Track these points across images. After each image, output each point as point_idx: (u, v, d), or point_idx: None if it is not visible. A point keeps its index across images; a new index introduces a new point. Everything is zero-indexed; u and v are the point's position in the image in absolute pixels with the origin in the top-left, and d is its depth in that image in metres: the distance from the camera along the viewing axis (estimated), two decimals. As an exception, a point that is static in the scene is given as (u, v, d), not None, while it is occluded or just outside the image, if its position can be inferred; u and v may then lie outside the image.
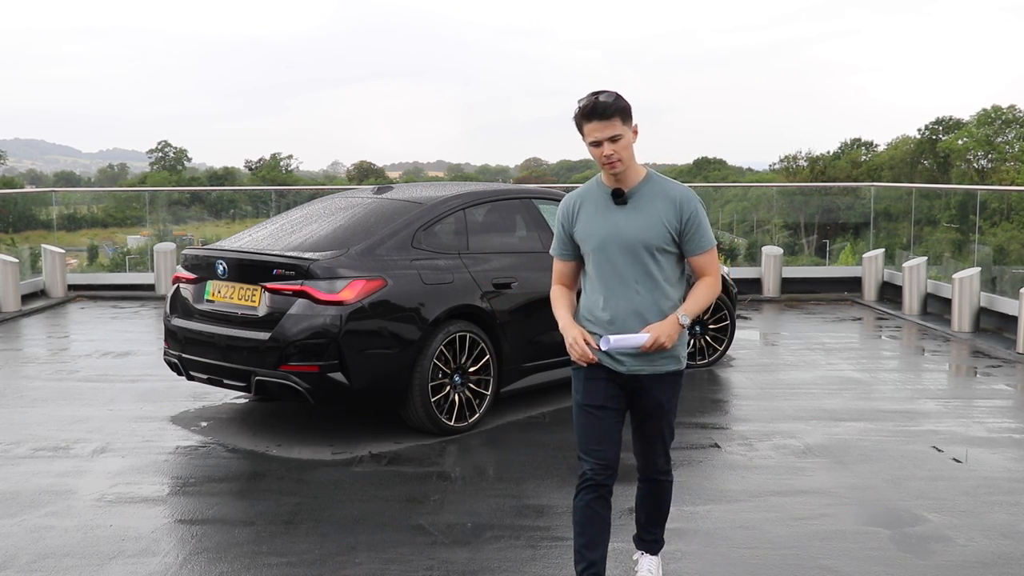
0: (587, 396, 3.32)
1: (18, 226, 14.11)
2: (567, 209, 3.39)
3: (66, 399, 6.73)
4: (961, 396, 7.00)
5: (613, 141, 3.16)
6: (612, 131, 3.14)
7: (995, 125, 58.05)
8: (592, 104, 3.14)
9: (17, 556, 4.00)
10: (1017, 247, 13.03)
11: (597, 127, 3.14)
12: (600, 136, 3.15)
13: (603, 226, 3.27)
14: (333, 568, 3.89)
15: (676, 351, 3.35)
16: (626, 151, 3.19)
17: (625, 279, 3.24)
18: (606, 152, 3.17)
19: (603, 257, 3.26)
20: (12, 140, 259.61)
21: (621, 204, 3.26)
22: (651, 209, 3.24)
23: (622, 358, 3.26)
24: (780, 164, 71.23)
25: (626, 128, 3.18)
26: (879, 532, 4.28)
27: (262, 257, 5.67)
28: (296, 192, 16.52)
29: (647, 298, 3.24)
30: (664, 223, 3.23)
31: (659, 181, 3.30)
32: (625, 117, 3.17)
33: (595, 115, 3.13)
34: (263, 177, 79.32)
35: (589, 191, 3.37)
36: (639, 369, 3.28)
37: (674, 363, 3.36)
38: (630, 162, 3.24)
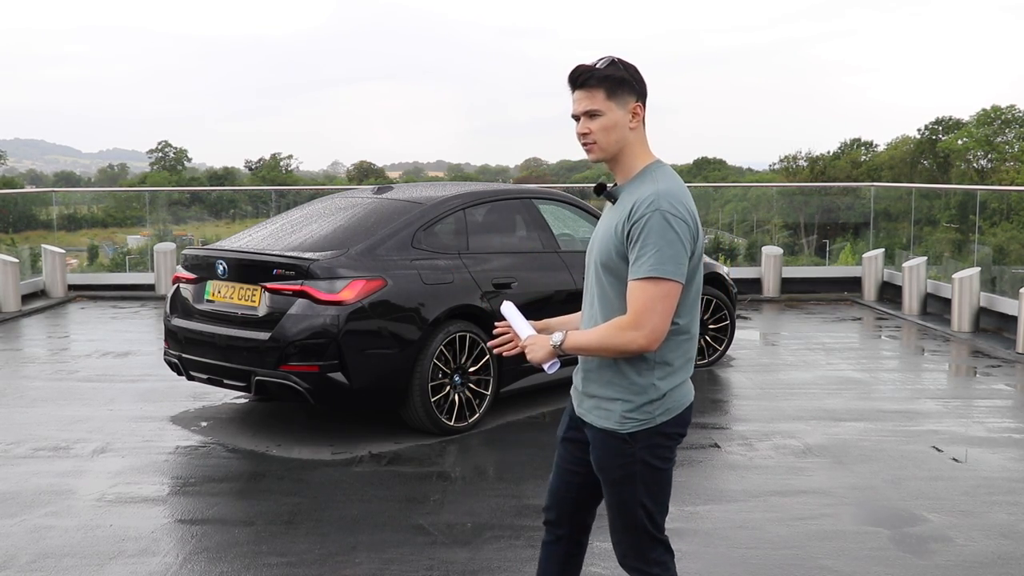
0: (560, 425, 2.82)
1: (18, 226, 14.11)
2: None
3: (66, 399, 6.73)
4: (961, 396, 7.00)
5: (590, 117, 2.50)
6: (589, 104, 2.48)
7: (995, 125, 58.04)
8: (573, 71, 2.53)
9: (17, 556, 4.00)
10: (1017, 247, 13.03)
11: (576, 97, 2.53)
12: (576, 109, 2.53)
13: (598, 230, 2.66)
14: (333, 568, 3.90)
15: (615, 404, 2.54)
16: (607, 134, 2.49)
17: (589, 297, 2.63)
18: (579, 130, 2.53)
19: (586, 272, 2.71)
20: (12, 140, 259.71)
21: (609, 200, 2.61)
22: (617, 214, 2.52)
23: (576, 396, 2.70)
24: (780, 164, 71.25)
25: (612, 105, 2.48)
26: (879, 532, 4.29)
27: (262, 257, 5.67)
28: (296, 192, 16.53)
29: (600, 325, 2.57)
30: (616, 233, 2.48)
31: (646, 180, 2.51)
32: (615, 90, 2.48)
33: (574, 82, 2.52)
34: (263, 177, 79.34)
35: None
36: (583, 412, 2.65)
37: (611, 420, 2.54)
38: (618, 151, 2.53)
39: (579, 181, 55.19)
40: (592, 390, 2.58)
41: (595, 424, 2.57)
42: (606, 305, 2.53)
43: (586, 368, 2.62)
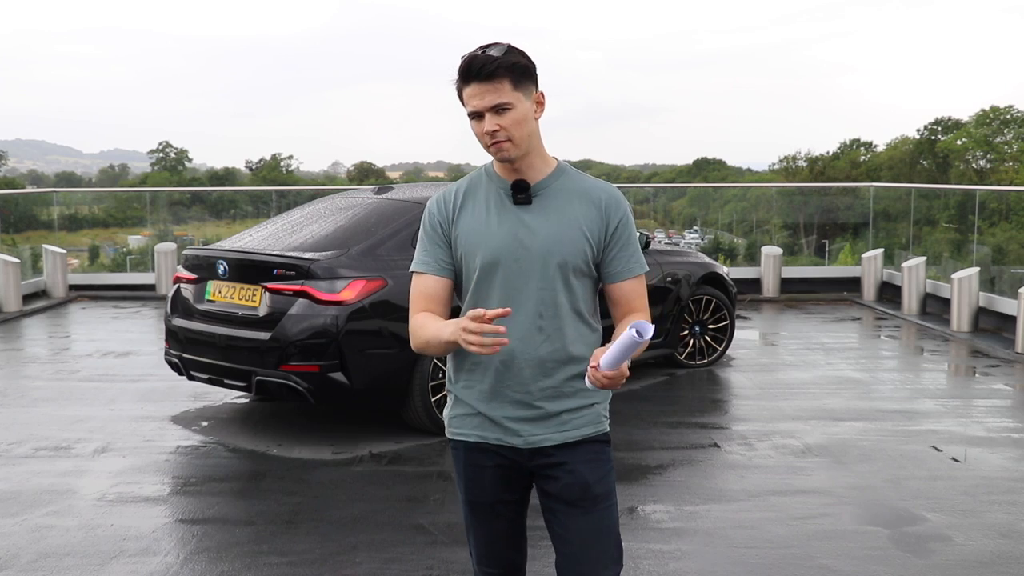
0: (471, 490, 2.42)
1: (19, 226, 14.11)
2: (443, 204, 2.37)
3: (67, 399, 6.74)
4: (960, 396, 7.01)
5: (498, 112, 2.22)
6: (496, 98, 2.20)
7: (994, 125, 58.08)
8: (470, 61, 2.22)
9: (18, 556, 4.01)
10: (1016, 247, 13.04)
11: (476, 91, 2.21)
12: (480, 104, 2.22)
13: (498, 231, 2.29)
14: (333, 567, 3.90)
15: (593, 407, 2.37)
16: (519, 128, 2.24)
17: (525, 310, 2.27)
18: (488, 128, 2.23)
19: (496, 277, 2.29)
20: (13, 140, 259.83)
21: (523, 202, 2.30)
22: (565, 211, 2.30)
23: (518, 426, 2.32)
24: (779, 164, 71.32)
25: (519, 96, 2.23)
26: (878, 531, 4.30)
27: (263, 257, 5.68)
28: (296, 192, 16.53)
29: (556, 340, 2.29)
30: (584, 232, 2.29)
31: (575, 176, 2.37)
32: (520, 79, 2.23)
33: (472, 75, 2.21)
34: (263, 177, 79.36)
35: (475, 183, 2.39)
36: (543, 437, 2.33)
37: (593, 423, 2.37)
38: (529, 145, 2.28)
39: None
40: (565, 404, 2.32)
41: (574, 438, 2.34)
42: (557, 313, 2.29)
43: (549, 384, 2.31)
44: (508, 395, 2.33)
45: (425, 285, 2.35)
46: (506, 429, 2.34)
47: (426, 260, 2.36)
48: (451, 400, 2.45)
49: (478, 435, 2.38)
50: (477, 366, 2.33)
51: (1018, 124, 57.70)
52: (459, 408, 2.40)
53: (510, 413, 2.33)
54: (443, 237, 2.35)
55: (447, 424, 2.46)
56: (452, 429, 2.44)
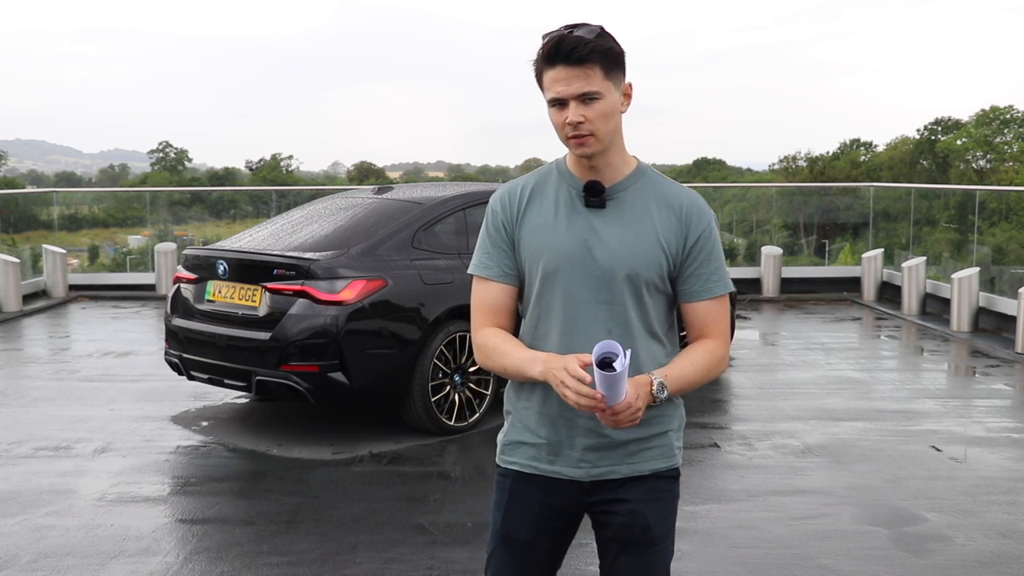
0: (510, 523, 2.17)
1: (19, 226, 14.12)
2: (507, 202, 2.14)
3: (67, 399, 6.74)
4: (960, 396, 7.01)
5: (585, 102, 1.97)
6: (585, 85, 1.95)
7: (994, 125, 58.09)
8: (558, 41, 1.96)
9: (18, 555, 4.01)
10: (1016, 247, 13.04)
11: (562, 75, 1.96)
12: (565, 92, 1.96)
13: (566, 236, 2.06)
14: (334, 567, 3.91)
15: (666, 437, 2.14)
16: (606, 122, 1.99)
17: (590, 328, 2.05)
18: (572, 118, 1.97)
19: (560, 287, 2.07)
20: (13, 140, 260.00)
21: (596, 206, 2.07)
22: (642, 219, 2.06)
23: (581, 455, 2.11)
24: (779, 164, 71.27)
25: (609, 85, 1.98)
26: (878, 531, 4.30)
27: (263, 257, 5.68)
28: (296, 192, 16.53)
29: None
30: (661, 243, 2.05)
31: (656, 179, 2.12)
32: (611, 66, 1.98)
33: (560, 56, 1.95)
34: (263, 177, 79.34)
35: (544, 179, 2.15)
36: (607, 470, 2.10)
37: (664, 456, 2.14)
38: (612, 142, 2.04)
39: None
40: (635, 432, 2.08)
41: (642, 472, 2.11)
42: (628, 331, 2.07)
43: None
44: (574, 420, 2.08)
45: (489, 294, 2.14)
46: (567, 458, 2.11)
47: (488, 264, 2.14)
48: (507, 423, 2.21)
49: (533, 466, 2.14)
50: (540, 386, 2.08)
51: (1018, 124, 57.71)
52: (515, 433, 2.18)
53: (572, 440, 2.10)
54: (507, 239, 2.12)
55: (499, 451, 2.22)
56: (504, 456, 2.20)
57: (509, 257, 2.13)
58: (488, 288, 2.15)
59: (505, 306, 2.15)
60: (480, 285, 2.16)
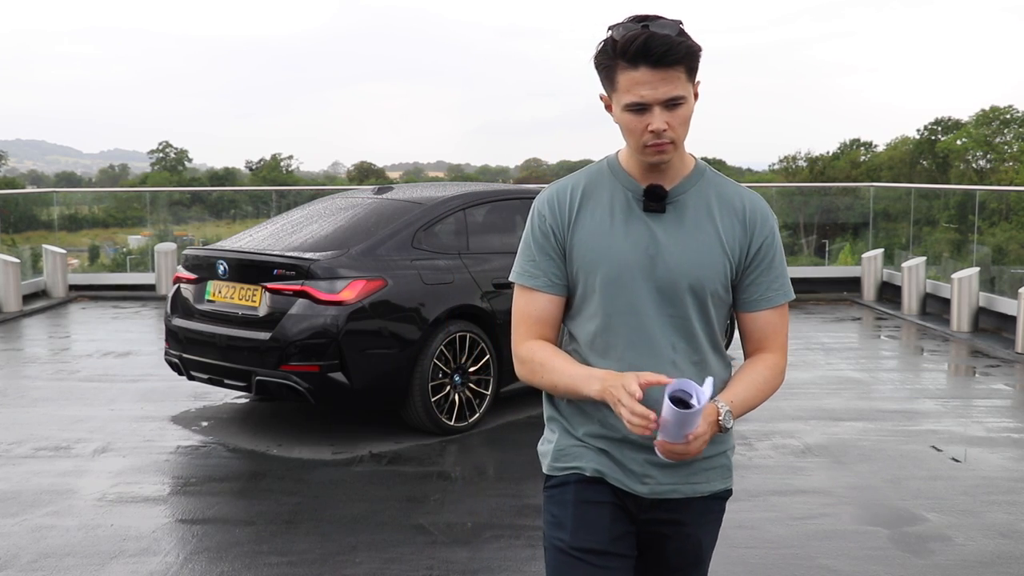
0: (580, 533, 1.94)
1: (19, 226, 14.12)
2: (556, 205, 1.96)
3: (67, 399, 6.74)
4: (960, 396, 7.01)
5: (669, 107, 1.80)
6: (672, 89, 1.78)
7: (994, 125, 58.11)
8: (647, 40, 1.74)
9: (18, 555, 4.01)
10: (1016, 247, 13.05)
11: (647, 78, 1.76)
12: (651, 96, 1.77)
13: (625, 245, 1.89)
14: (334, 567, 3.91)
15: (725, 456, 2.03)
16: (686, 128, 1.85)
17: (655, 343, 1.90)
18: (656, 125, 1.79)
19: (621, 300, 1.90)
20: (13, 140, 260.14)
21: (656, 211, 1.90)
22: (705, 225, 1.91)
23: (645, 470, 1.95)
24: (779, 164, 71.25)
25: (691, 88, 1.83)
26: (878, 531, 4.30)
27: (263, 257, 5.68)
28: (296, 192, 16.53)
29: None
30: (725, 250, 1.91)
31: (716, 180, 1.97)
32: (694, 68, 1.82)
33: (649, 58, 1.75)
34: (264, 177, 79.33)
35: (596, 180, 1.96)
36: (671, 488, 1.96)
37: (722, 477, 2.02)
38: (682, 145, 1.89)
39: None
40: (710, 450, 1.95)
41: (702, 493, 1.99)
42: (694, 345, 1.93)
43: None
44: (633, 438, 1.91)
45: (535, 305, 1.97)
46: (629, 472, 1.94)
47: (535, 273, 1.96)
48: (555, 432, 2.03)
49: (596, 468, 1.95)
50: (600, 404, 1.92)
51: (1018, 124, 57.73)
52: (570, 440, 2.00)
53: (635, 456, 1.94)
54: (556, 246, 1.94)
55: (550, 458, 2.02)
56: (560, 463, 1.99)
57: (558, 266, 1.95)
58: (534, 298, 1.98)
59: (552, 318, 1.98)
60: (524, 295, 1.99)
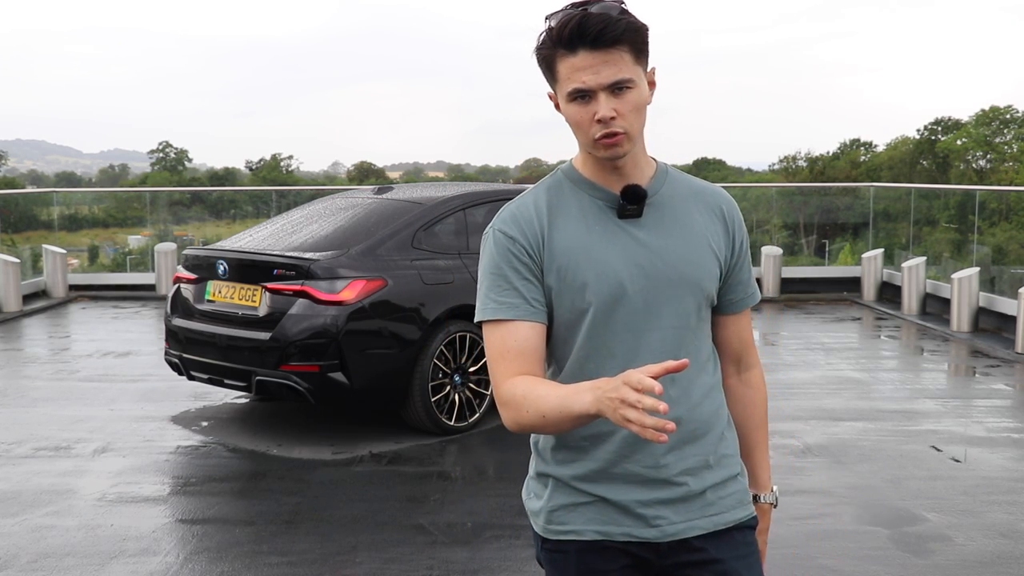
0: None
1: (19, 226, 14.12)
2: (524, 224, 1.74)
3: (67, 399, 6.74)
4: (960, 396, 7.01)
5: (615, 93, 1.62)
6: (616, 72, 1.60)
7: (994, 125, 58.12)
8: (581, 20, 1.59)
9: (18, 555, 4.01)
10: (1016, 247, 13.05)
11: (587, 62, 1.60)
12: (594, 81, 1.61)
13: (610, 256, 1.70)
14: (334, 567, 3.91)
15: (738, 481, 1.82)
16: (638, 116, 1.66)
17: (656, 358, 1.67)
18: (603, 113, 1.62)
19: (616, 318, 1.71)
20: (13, 140, 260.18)
21: (633, 215, 1.72)
22: (688, 226, 1.75)
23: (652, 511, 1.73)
24: (779, 164, 71.28)
25: (640, 71, 1.65)
26: (878, 531, 4.30)
27: (263, 257, 5.68)
28: (296, 192, 16.53)
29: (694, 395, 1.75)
30: (713, 250, 1.76)
31: (681, 178, 1.80)
32: (640, 48, 1.64)
33: (585, 39, 1.59)
34: (264, 177, 79.33)
35: (557, 193, 1.77)
36: (686, 526, 1.74)
37: (742, 503, 1.81)
38: (639, 139, 1.70)
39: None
40: (710, 477, 1.77)
41: (724, 524, 1.77)
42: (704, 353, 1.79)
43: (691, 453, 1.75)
44: (634, 471, 1.72)
45: (515, 338, 1.68)
46: (636, 517, 1.72)
47: (511, 303, 1.69)
48: (545, 487, 1.79)
49: (598, 531, 1.73)
50: (596, 439, 1.72)
51: (1018, 124, 57.73)
52: (563, 496, 1.76)
53: (639, 496, 1.72)
54: (534, 269, 1.71)
55: (544, 520, 1.78)
56: (555, 527, 1.76)
57: (537, 290, 1.71)
58: (512, 331, 1.69)
59: (536, 350, 1.70)
60: (499, 330, 1.70)
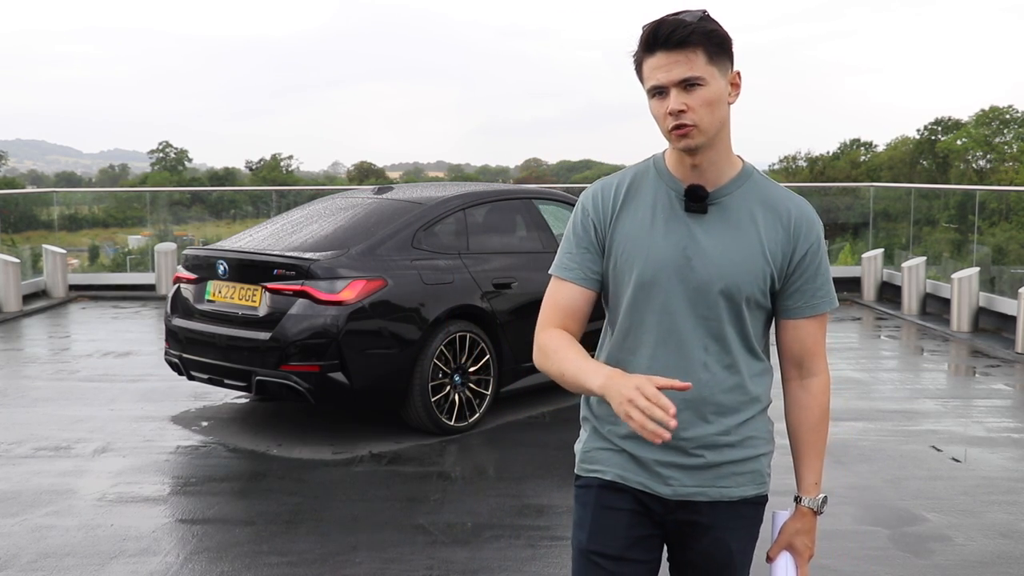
0: (596, 537, 1.98)
1: (19, 226, 14.12)
2: (599, 201, 1.96)
3: (67, 399, 6.74)
4: (960, 396, 7.01)
5: (687, 88, 1.80)
6: (687, 70, 1.78)
7: (993, 126, 58.13)
8: (657, 25, 1.81)
9: (18, 555, 4.01)
10: (1016, 247, 13.04)
11: (662, 62, 1.79)
12: (665, 78, 1.79)
13: (663, 244, 1.89)
14: (334, 567, 3.91)
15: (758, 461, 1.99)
16: (710, 111, 1.81)
17: (686, 343, 1.90)
18: (673, 106, 1.80)
19: (655, 299, 1.90)
20: (13, 140, 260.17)
21: (697, 211, 1.89)
22: (747, 228, 1.89)
23: (669, 472, 1.95)
24: (779, 164, 71.21)
25: (714, 71, 1.81)
26: (878, 532, 4.30)
27: (263, 257, 5.68)
28: (296, 192, 16.53)
29: (720, 380, 1.92)
30: (766, 254, 1.89)
31: (763, 184, 1.94)
32: (715, 51, 1.81)
33: (659, 42, 1.79)
34: (264, 177, 79.31)
35: (640, 178, 1.96)
36: (696, 491, 1.95)
37: (755, 482, 2.00)
38: (717, 137, 1.86)
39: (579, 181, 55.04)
40: (729, 454, 1.94)
41: (731, 497, 1.96)
42: (726, 349, 1.92)
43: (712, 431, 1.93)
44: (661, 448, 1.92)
45: (564, 295, 1.96)
46: (652, 473, 1.95)
47: (569, 266, 1.96)
48: (586, 432, 2.05)
49: (617, 473, 1.97)
50: None
51: (1018, 124, 57.74)
52: (597, 441, 2.02)
53: (661, 457, 1.94)
54: (595, 241, 1.94)
55: (579, 459, 2.05)
56: (585, 465, 2.03)
57: (595, 261, 1.95)
58: (564, 288, 1.97)
59: (579, 310, 1.96)
60: (556, 284, 1.98)
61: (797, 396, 2.01)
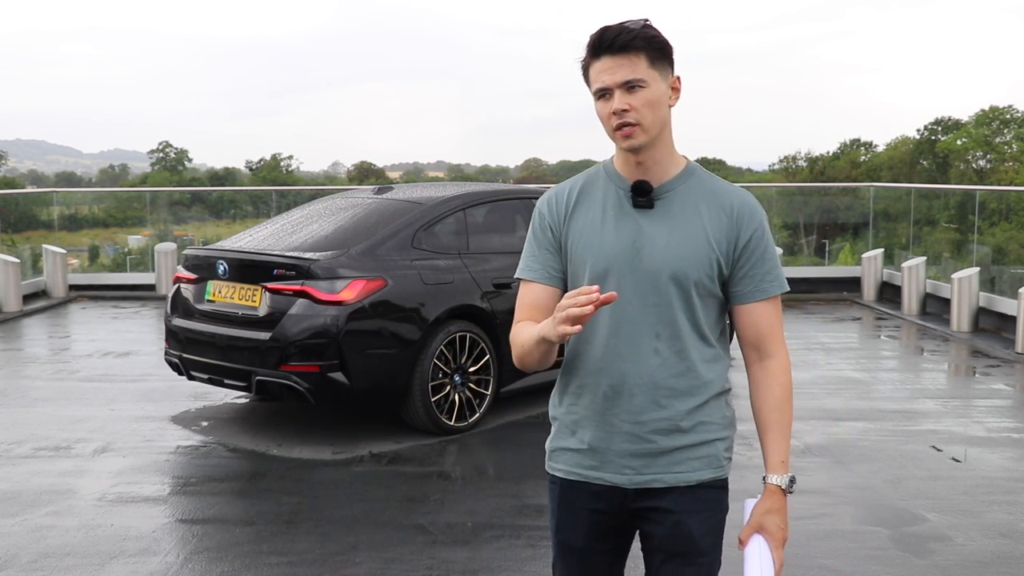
0: (563, 531, 2.16)
1: (19, 226, 14.12)
2: (554, 204, 2.11)
3: (67, 399, 6.74)
4: (960, 396, 7.02)
5: (630, 90, 1.94)
6: (630, 73, 1.93)
7: (993, 125, 58.14)
8: (602, 32, 1.96)
9: (18, 555, 4.01)
10: (1016, 247, 13.05)
11: (607, 65, 1.94)
12: (610, 80, 1.94)
13: (613, 239, 2.03)
14: (333, 567, 3.91)
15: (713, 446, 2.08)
16: (652, 111, 1.95)
17: (637, 330, 2.01)
18: (616, 106, 1.94)
19: (607, 289, 1.97)
20: (13, 140, 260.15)
21: (644, 206, 2.02)
22: (691, 219, 2.02)
23: (624, 460, 2.05)
24: (779, 164, 71.26)
25: (655, 75, 1.95)
26: (878, 531, 4.30)
27: (263, 257, 5.68)
28: (296, 192, 16.53)
29: (672, 365, 2.02)
30: (710, 242, 2.01)
31: (705, 178, 2.10)
32: (656, 56, 1.95)
33: (604, 47, 1.94)
34: (264, 177, 79.33)
35: (591, 181, 2.12)
36: (652, 478, 2.05)
37: (711, 466, 2.08)
38: (659, 136, 2.00)
39: (579, 181, 54.77)
40: (681, 439, 2.04)
41: (687, 482, 2.05)
42: (676, 334, 2.01)
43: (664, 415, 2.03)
44: (617, 425, 2.04)
45: (531, 295, 2.10)
46: (611, 464, 2.05)
47: (533, 267, 2.11)
48: (553, 429, 2.18)
49: (578, 473, 2.10)
50: (584, 389, 2.07)
51: (1018, 124, 57.75)
52: (560, 439, 2.14)
53: (617, 446, 2.05)
54: (553, 241, 2.09)
55: (547, 456, 2.19)
56: (550, 463, 2.18)
57: (555, 259, 2.10)
58: (530, 289, 2.11)
59: (544, 305, 2.08)
60: (523, 288, 2.13)
61: (758, 378, 2.11)
